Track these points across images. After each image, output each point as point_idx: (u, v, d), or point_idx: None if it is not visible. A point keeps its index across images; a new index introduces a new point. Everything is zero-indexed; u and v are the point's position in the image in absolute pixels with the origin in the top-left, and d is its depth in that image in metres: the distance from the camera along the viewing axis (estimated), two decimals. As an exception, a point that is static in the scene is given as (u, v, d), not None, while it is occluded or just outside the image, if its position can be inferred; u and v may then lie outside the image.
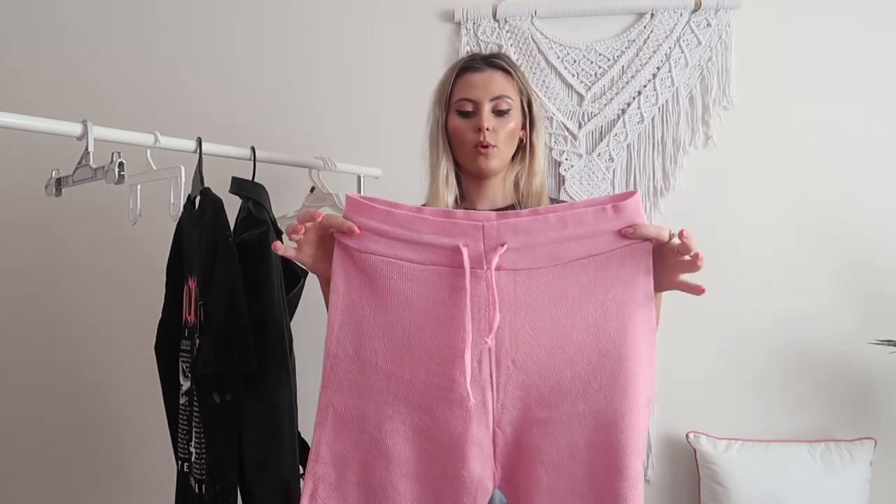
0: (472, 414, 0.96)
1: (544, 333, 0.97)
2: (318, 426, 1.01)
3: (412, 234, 0.97)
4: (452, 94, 1.30)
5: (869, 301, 1.89)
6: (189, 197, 1.43)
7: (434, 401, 0.97)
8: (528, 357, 0.97)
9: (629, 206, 0.95)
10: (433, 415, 0.97)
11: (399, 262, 0.98)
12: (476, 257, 0.96)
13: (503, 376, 0.97)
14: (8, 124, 1.14)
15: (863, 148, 1.91)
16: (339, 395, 1.00)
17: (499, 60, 1.31)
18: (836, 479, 1.78)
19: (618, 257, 0.96)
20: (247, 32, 2.13)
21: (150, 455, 2.07)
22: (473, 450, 0.97)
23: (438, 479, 0.98)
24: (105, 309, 2.17)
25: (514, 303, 0.96)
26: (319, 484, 1.00)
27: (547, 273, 0.96)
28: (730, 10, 1.93)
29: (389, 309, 0.98)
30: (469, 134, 1.27)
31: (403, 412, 0.99)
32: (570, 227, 0.95)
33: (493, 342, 0.95)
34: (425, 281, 0.97)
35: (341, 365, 1.01)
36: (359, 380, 1.00)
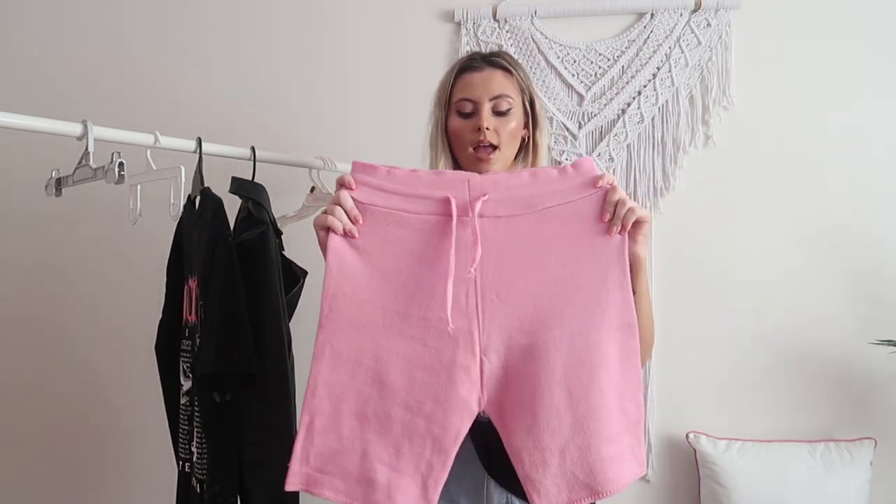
0: (459, 342, 1.07)
1: (524, 269, 1.09)
2: (314, 362, 1.08)
3: (408, 188, 1.11)
4: (452, 95, 1.28)
5: (869, 301, 1.89)
6: (189, 197, 1.43)
7: (425, 331, 1.08)
8: (510, 290, 1.08)
9: (584, 163, 1.11)
10: (424, 343, 1.07)
11: (396, 212, 1.11)
12: (462, 206, 1.09)
13: (488, 308, 1.08)
14: (8, 124, 1.14)
15: (863, 148, 1.91)
16: (336, 332, 1.09)
17: (499, 59, 1.29)
18: (836, 479, 1.78)
19: (584, 204, 1.10)
20: (247, 32, 2.13)
21: (151, 455, 2.07)
22: (461, 375, 1.07)
23: (429, 403, 1.07)
24: (105, 309, 2.17)
25: (496, 244, 1.09)
26: (316, 416, 1.08)
27: (524, 219, 1.10)
28: (730, 10, 1.93)
29: (386, 253, 1.10)
30: (469, 134, 1.25)
31: (398, 344, 1.08)
32: (539, 181, 1.10)
33: (476, 273, 1.07)
34: (419, 227, 1.10)
35: (339, 304, 1.09)
36: (355, 316, 1.09)
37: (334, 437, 1.08)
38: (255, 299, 1.37)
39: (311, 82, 2.10)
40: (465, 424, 1.07)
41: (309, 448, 1.07)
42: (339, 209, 1.09)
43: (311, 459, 1.07)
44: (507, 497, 1.21)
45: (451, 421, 1.06)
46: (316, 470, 1.07)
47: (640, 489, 1.97)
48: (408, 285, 1.09)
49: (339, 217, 1.09)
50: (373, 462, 1.08)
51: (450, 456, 1.07)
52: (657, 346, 1.94)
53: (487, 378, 1.07)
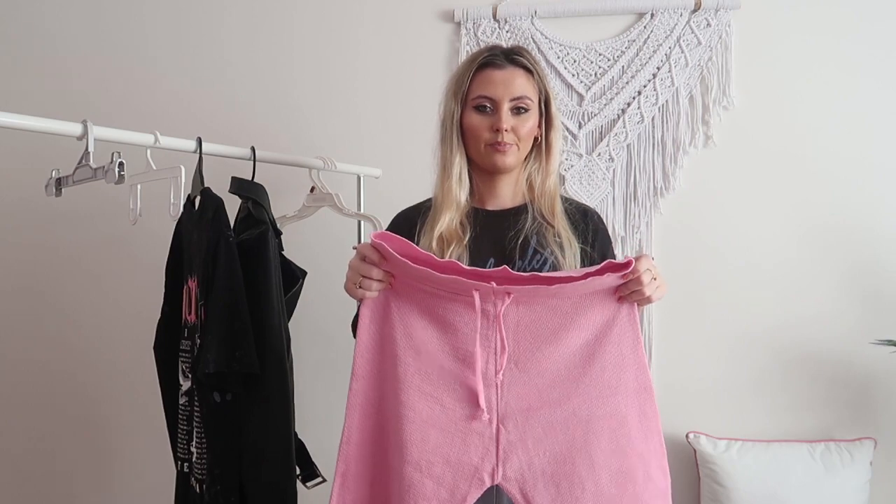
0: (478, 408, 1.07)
1: (543, 340, 1.09)
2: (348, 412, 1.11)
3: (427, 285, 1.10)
4: (471, 90, 1.25)
5: (869, 301, 1.89)
6: (189, 197, 1.43)
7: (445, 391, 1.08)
8: (530, 360, 1.08)
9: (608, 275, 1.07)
10: (442, 404, 1.08)
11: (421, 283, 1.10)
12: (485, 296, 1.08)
13: (507, 376, 1.08)
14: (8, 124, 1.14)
15: (863, 148, 1.91)
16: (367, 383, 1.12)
17: (521, 58, 1.26)
18: (836, 479, 1.78)
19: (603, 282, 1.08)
20: (247, 33, 2.13)
21: (150, 455, 2.07)
22: (475, 440, 1.07)
23: (439, 465, 1.07)
24: (105, 309, 2.17)
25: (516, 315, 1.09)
26: (350, 464, 1.11)
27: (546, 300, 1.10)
28: (730, 10, 1.93)
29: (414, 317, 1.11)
30: (485, 132, 1.24)
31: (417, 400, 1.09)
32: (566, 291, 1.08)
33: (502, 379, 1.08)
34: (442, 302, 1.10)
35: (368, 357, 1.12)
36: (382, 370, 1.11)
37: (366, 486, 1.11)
38: (254, 299, 1.37)
39: (312, 82, 2.10)
40: (473, 492, 1.07)
41: (345, 495, 1.10)
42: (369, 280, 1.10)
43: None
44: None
45: (459, 486, 1.06)
46: None
47: (640, 489, 1.97)
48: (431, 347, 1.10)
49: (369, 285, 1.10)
50: None
51: None
52: (658, 345, 1.96)
53: (504, 449, 1.07)
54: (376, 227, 1.66)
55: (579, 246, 1.25)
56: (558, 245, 1.23)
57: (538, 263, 1.23)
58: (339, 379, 1.32)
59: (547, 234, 1.24)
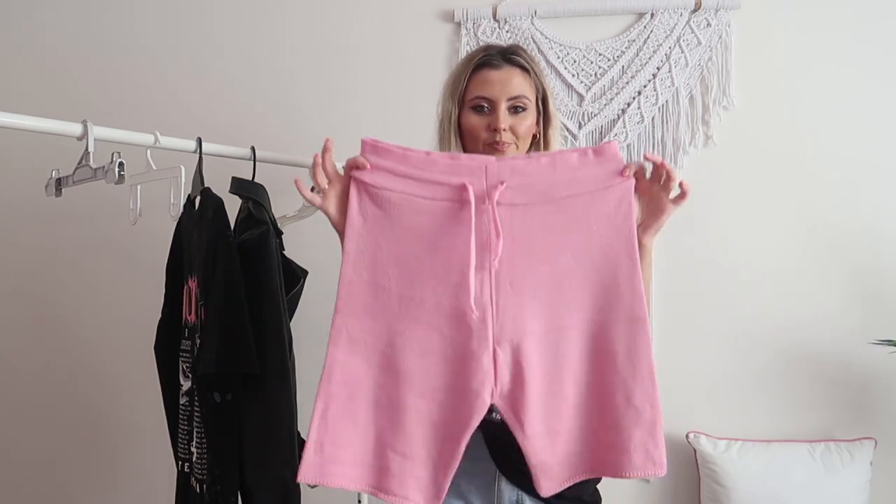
0: (474, 331, 1.07)
1: (537, 259, 1.09)
2: (330, 347, 1.09)
3: (423, 173, 1.10)
4: (468, 90, 1.26)
5: (869, 301, 1.89)
6: (189, 197, 1.43)
7: (441, 318, 1.08)
8: (524, 280, 1.08)
9: (607, 148, 1.10)
10: (440, 331, 1.08)
11: (411, 197, 1.09)
12: (479, 194, 1.08)
13: (501, 297, 1.08)
14: (8, 124, 1.14)
15: (863, 148, 1.91)
16: (352, 317, 1.09)
17: (517, 57, 1.27)
18: (836, 479, 1.78)
19: (600, 195, 1.09)
20: (247, 33, 2.13)
21: (150, 455, 2.07)
22: (474, 364, 1.07)
23: (442, 391, 1.07)
24: (105, 309, 2.17)
25: (511, 233, 1.08)
26: (331, 402, 1.08)
27: (540, 208, 1.09)
28: (730, 10, 1.93)
29: (402, 239, 1.10)
30: (483, 132, 1.25)
31: (413, 330, 1.08)
32: (558, 169, 1.09)
33: (496, 264, 1.07)
34: (435, 214, 1.09)
35: (356, 290, 1.09)
36: (372, 302, 1.09)
37: (349, 423, 1.08)
38: (255, 299, 1.37)
39: (312, 82, 2.10)
40: (477, 414, 1.07)
41: (324, 435, 1.07)
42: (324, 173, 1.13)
43: (325, 448, 1.07)
44: (517, 494, 1.21)
45: (463, 410, 1.07)
46: (329, 460, 1.07)
47: (640, 489, 1.97)
48: (423, 272, 1.09)
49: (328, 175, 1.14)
50: (385, 449, 1.08)
51: (461, 445, 1.07)
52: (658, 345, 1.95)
53: (500, 368, 1.07)
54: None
55: None
56: None
57: None
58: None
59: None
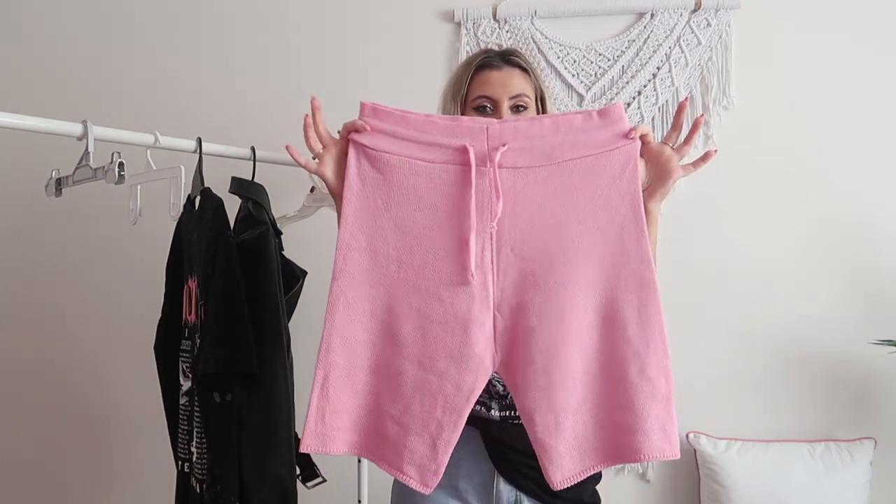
0: (475, 296, 1.05)
1: (540, 224, 1.06)
2: (328, 316, 1.07)
3: (424, 135, 1.08)
4: (469, 92, 1.28)
5: (869, 301, 1.89)
6: (189, 197, 1.43)
7: (441, 284, 1.05)
8: (526, 245, 1.06)
9: (612, 110, 1.07)
10: (440, 298, 1.05)
11: (411, 160, 1.07)
12: (480, 156, 1.06)
13: (503, 262, 1.06)
14: (8, 124, 1.14)
15: (863, 148, 1.91)
16: (350, 285, 1.07)
17: (516, 58, 1.30)
18: (836, 479, 1.78)
19: (605, 158, 1.06)
20: (247, 33, 2.13)
21: (150, 455, 2.07)
22: (476, 330, 1.04)
23: (442, 360, 1.05)
24: (105, 308, 2.17)
25: (513, 197, 1.06)
26: (331, 371, 1.06)
27: (542, 171, 1.06)
28: (730, 10, 1.93)
29: (401, 203, 1.07)
30: None
31: (412, 297, 1.06)
32: (561, 131, 1.06)
33: (496, 227, 1.04)
34: (435, 177, 1.07)
35: (353, 256, 1.07)
36: (370, 269, 1.07)
37: (350, 392, 1.06)
38: (254, 299, 1.37)
39: (312, 82, 2.10)
40: (479, 383, 1.05)
41: (325, 405, 1.05)
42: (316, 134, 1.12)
43: (326, 417, 1.05)
44: (516, 495, 1.21)
45: (465, 379, 1.04)
46: (331, 428, 1.05)
47: (640, 489, 1.97)
48: (423, 236, 1.06)
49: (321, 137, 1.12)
50: (384, 417, 1.06)
51: (462, 416, 1.05)
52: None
53: (500, 335, 1.05)
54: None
55: None
56: None
57: None
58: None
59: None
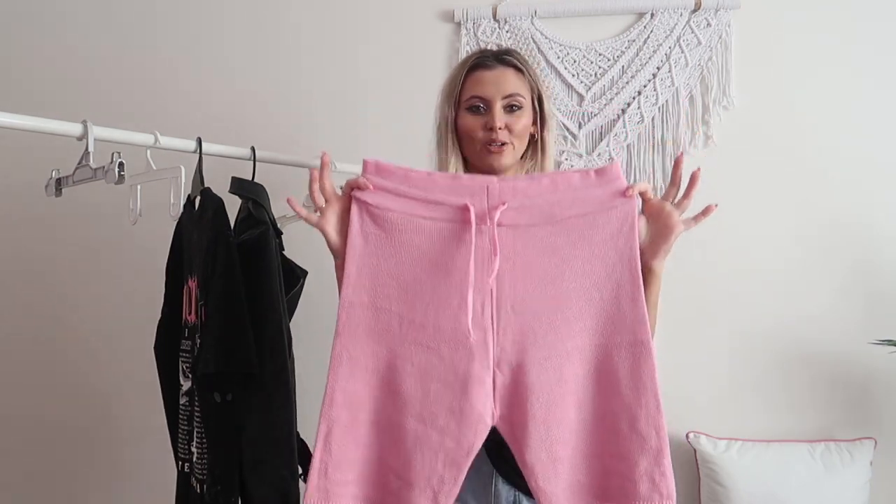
0: (475, 354, 1.06)
1: (539, 282, 1.08)
2: (331, 372, 1.09)
3: (425, 193, 1.10)
4: (463, 92, 1.27)
5: (869, 301, 1.89)
6: (189, 197, 1.43)
7: (441, 341, 1.07)
8: (525, 303, 1.08)
9: (610, 169, 1.10)
10: (440, 354, 1.07)
11: (413, 217, 1.10)
12: (480, 214, 1.08)
13: (503, 320, 1.08)
14: (8, 124, 1.14)
15: (863, 147, 1.91)
16: (353, 340, 1.09)
17: (510, 58, 1.29)
18: (836, 479, 1.78)
19: (603, 216, 1.09)
20: (247, 33, 2.13)
21: (150, 455, 2.06)
22: (476, 387, 1.06)
23: (443, 416, 1.06)
24: (105, 309, 2.17)
25: (512, 255, 1.08)
26: (333, 426, 1.08)
27: (541, 229, 1.08)
28: (730, 10, 1.93)
29: (403, 260, 1.09)
30: (480, 132, 1.25)
31: (413, 353, 1.08)
32: (560, 189, 1.09)
33: (494, 284, 1.06)
34: (436, 235, 1.09)
35: (356, 312, 1.09)
36: (373, 325, 1.09)
37: (352, 447, 1.08)
38: (255, 299, 1.37)
39: (312, 82, 2.10)
40: (478, 439, 1.07)
41: (327, 460, 1.07)
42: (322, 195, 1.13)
43: (329, 471, 1.07)
44: (515, 494, 1.21)
45: (465, 435, 1.06)
46: (334, 482, 1.07)
47: (640, 489, 1.97)
48: (424, 294, 1.08)
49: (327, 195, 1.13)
50: (387, 472, 1.08)
51: (462, 470, 1.06)
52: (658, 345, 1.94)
53: (500, 391, 1.07)
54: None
55: None
56: None
57: None
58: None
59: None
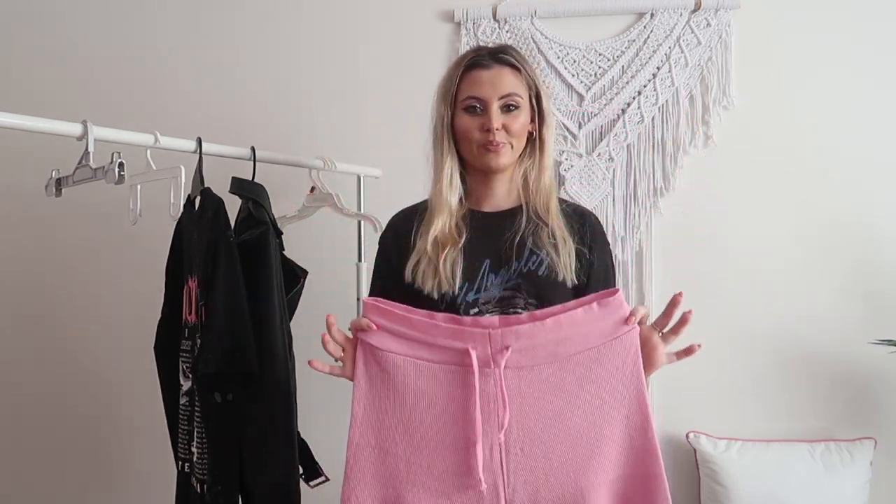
0: (485, 499, 1.06)
1: (547, 422, 1.07)
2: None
3: (427, 336, 1.09)
4: (459, 92, 1.25)
5: (869, 301, 1.89)
6: (189, 197, 1.43)
7: (451, 487, 1.07)
8: (535, 443, 1.07)
9: (612, 300, 1.08)
10: (450, 499, 1.07)
11: (416, 360, 1.09)
12: (484, 358, 1.07)
13: (512, 462, 1.07)
14: (8, 124, 1.14)
15: (863, 147, 1.91)
16: (361, 485, 1.09)
17: (507, 56, 1.27)
18: (836, 479, 1.78)
19: (607, 349, 1.08)
20: (247, 33, 2.13)
21: (150, 455, 2.06)
22: None
23: None
24: (105, 309, 2.17)
25: (518, 397, 1.07)
26: None
27: (547, 368, 1.08)
28: (730, 10, 1.93)
29: (407, 403, 1.09)
30: (477, 133, 1.24)
31: (422, 497, 1.07)
32: (564, 328, 1.07)
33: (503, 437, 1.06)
34: (440, 378, 1.08)
35: (364, 455, 1.10)
36: (380, 468, 1.09)
37: None
38: (255, 299, 1.37)
39: (312, 82, 2.10)
40: None
41: None
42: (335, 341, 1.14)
43: None
44: None
45: None
46: None
47: (640, 489, 1.97)
48: (430, 438, 1.08)
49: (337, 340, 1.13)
50: None
51: None
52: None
53: None
54: (376, 228, 1.66)
55: (574, 245, 1.25)
56: (552, 245, 1.23)
57: (534, 264, 1.22)
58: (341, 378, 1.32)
59: (542, 233, 1.24)
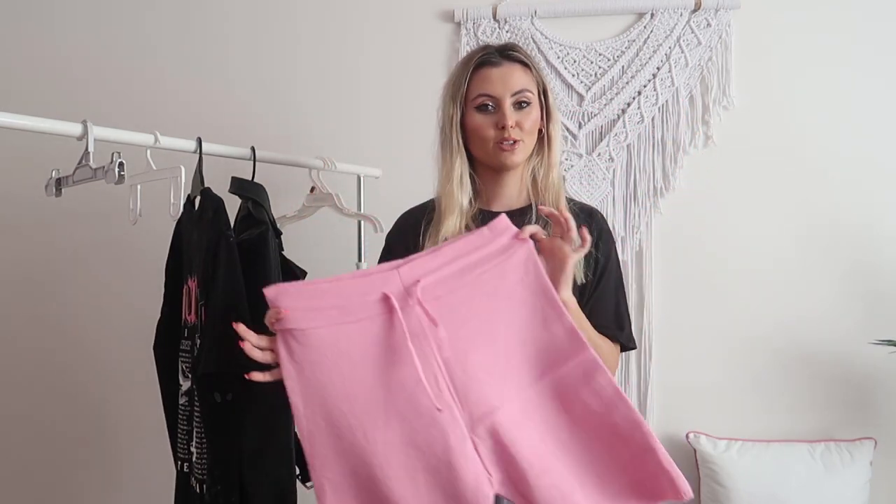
0: (447, 430, 1.03)
1: (477, 339, 1.08)
2: (319, 501, 1.06)
3: (339, 299, 1.07)
4: (470, 90, 1.25)
5: (869, 301, 1.89)
6: (189, 197, 1.43)
7: (411, 431, 1.04)
8: (471, 362, 1.06)
9: (497, 223, 1.11)
10: (415, 445, 1.04)
11: (338, 326, 1.06)
12: (400, 297, 1.06)
13: (459, 385, 1.05)
14: (8, 124, 1.14)
15: (863, 147, 1.91)
16: (327, 467, 1.06)
17: (516, 53, 1.26)
18: (836, 479, 1.78)
19: (507, 263, 1.10)
20: (247, 33, 2.13)
21: (150, 455, 2.06)
22: (461, 462, 1.03)
23: (442, 502, 1.04)
24: (105, 309, 2.17)
25: (444, 322, 1.06)
26: None
27: (460, 292, 1.09)
28: (730, 10, 1.93)
29: (343, 371, 1.06)
30: (490, 130, 1.23)
31: (389, 455, 1.04)
32: (462, 252, 1.09)
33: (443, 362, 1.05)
34: (366, 333, 1.06)
35: (319, 440, 1.06)
36: (338, 445, 1.06)
37: None
38: (254, 299, 1.36)
39: (312, 82, 2.10)
40: None
41: None
42: None
43: None
44: None
45: None
46: None
47: (640, 489, 1.97)
48: (376, 394, 1.05)
49: None
50: None
51: None
52: (658, 345, 1.96)
53: (486, 456, 1.04)
54: (376, 228, 1.66)
55: None
56: None
57: None
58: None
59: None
